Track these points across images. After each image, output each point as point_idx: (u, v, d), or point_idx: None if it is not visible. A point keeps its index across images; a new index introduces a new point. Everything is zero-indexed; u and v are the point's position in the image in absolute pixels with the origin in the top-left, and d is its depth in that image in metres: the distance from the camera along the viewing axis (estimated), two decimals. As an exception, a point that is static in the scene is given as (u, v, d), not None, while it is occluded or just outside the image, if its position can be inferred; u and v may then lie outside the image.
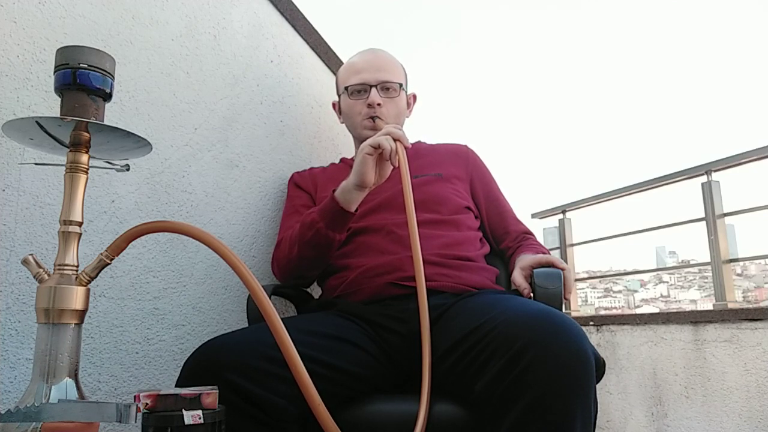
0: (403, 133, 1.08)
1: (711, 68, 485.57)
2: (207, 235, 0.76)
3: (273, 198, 1.44)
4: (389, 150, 1.04)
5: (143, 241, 1.09)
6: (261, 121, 1.43)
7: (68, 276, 0.72)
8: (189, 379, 0.83)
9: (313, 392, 0.77)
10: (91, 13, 1.02)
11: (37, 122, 0.70)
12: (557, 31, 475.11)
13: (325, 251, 1.13)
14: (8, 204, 0.88)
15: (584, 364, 0.77)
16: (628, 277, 70.84)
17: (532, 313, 0.82)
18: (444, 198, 1.23)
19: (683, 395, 2.34)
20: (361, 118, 1.28)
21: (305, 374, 0.76)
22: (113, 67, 0.77)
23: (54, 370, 0.68)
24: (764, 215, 2.67)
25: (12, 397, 0.86)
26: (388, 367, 1.03)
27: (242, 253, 1.33)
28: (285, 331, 0.75)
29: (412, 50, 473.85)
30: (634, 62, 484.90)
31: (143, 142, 0.77)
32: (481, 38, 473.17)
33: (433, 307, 1.01)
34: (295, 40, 1.60)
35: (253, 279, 0.76)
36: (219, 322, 1.25)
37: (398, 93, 1.31)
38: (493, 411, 0.80)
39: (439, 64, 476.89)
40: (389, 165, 1.06)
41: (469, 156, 1.36)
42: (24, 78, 0.91)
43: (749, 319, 2.17)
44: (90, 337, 0.98)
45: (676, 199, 5.75)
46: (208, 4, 1.29)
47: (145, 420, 0.64)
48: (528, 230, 1.33)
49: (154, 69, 1.14)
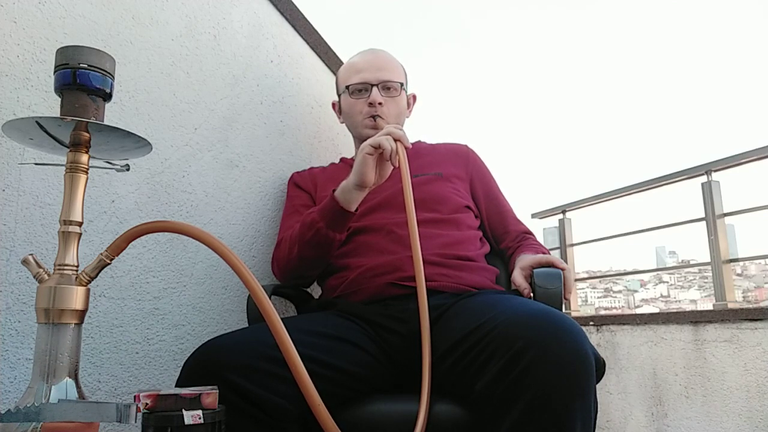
0: (404, 133, 1.08)
1: (711, 68, 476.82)
2: (207, 235, 0.76)
3: (273, 198, 1.44)
4: (389, 150, 1.04)
5: (143, 241, 1.09)
6: (261, 121, 1.43)
7: (68, 276, 0.72)
8: (189, 379, 0.83)
9: (313, 392, 0.77)
10: (91, 13, 1.02)
11: (37, 122, 0.70)
12: (557, 30, 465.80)
13: (325, 251, 1.13)
14: (8, 204, 0.88)
15: (584, 364, 0.77)
16: (628, 277, 70.85)
17: (532, 313, 0.82)
18: (444, 197, 1.23)
19: (683, 395, 2.34)
20: (362, 117, 1.28)
21: (305, 374, 0.76)
22: (113, 67, 0.77)
23: (54, 370, 0.68)
24: (764, 215, 2.67)
25: (12, 397, 0.86)
26: (388, 367, 1.03)
27: (242, 253, 1.33)
28: (285, 331, 0.75)
29: (413, 50, 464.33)
30: (634, 62, 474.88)
31: (143, 142, 0.77)
32: (481, 38, 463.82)
33: (433, 307, 1.01)
34: (295, 40, 1.60)
35: (253, 279, 0.76)
36: (219, 322, 1.25)
37: (399, 93, 1.31)
38: (493, 411, 0.80)
39: (439, 65, 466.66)
40: (389, 165, 1.06)
41: (469, 156, 1.36)
42: (24, 78, 0.91)
43: (749, 319, 2.17)
44: (90, 337, 0.98)
45: (676, 199, 5.75)
46: (208, 4, 1.29)
47: (145, 420, 0.64)
48: (528, 230, 1.33)
49: (154, 69, 1.14)
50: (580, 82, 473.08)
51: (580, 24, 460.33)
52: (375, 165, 1.06)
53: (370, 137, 1.07)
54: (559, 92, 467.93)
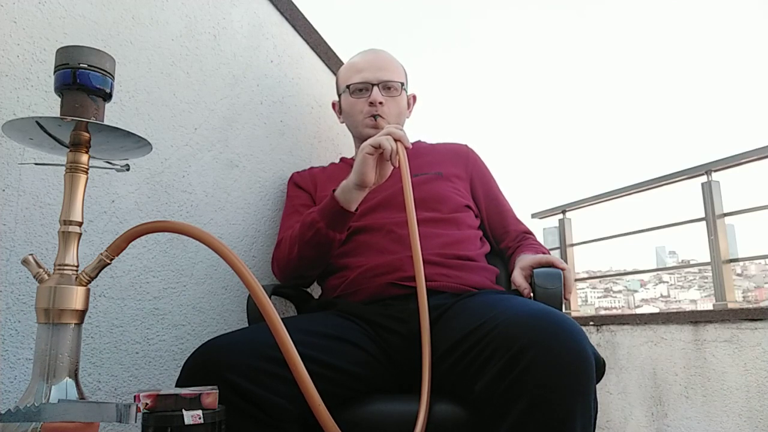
0: (404, 133, 1.09)
1: (711, 68, 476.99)
2: (207, 235, 0.76)
3: (273, 198, 1.44)
4: (390, 150, 1.04)
5: (143, 241, 1.09)
6: (261, 121, 1.43)
7: (68, 276, 0.72)
8: (189, 379, 0.83)
9: (313, 392, 0.76)
10: (91, 13, 1.02)
11: (37, 122, 0.70)
12: (557, 31, 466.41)
13: (326, 251, 1.13)
14: (8, 204, 0.88)
15: (584, 364, 0.77)
16: (628, 277, 70.84)
17: (532, 313, 0.82)
18: (444, 196, 1.23)
19: (683, 395, 2.34)
20: (363, 117, 1.29)
21: (305, 374, 0.76)
22: (113, 67, 0.77)
23: (54, 370, 0.68)
24: (764, 215, 2.67)
25: (12, 397, 0.86)
26: (388, 367, 1.03)
27: (242, 253, 1.33)
28: (285, 331, 0.75)
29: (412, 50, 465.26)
30: (634, 62, 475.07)
31: (143, 142, 0.77)
32: (481, 38, 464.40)
33: (433, 307, 1.01)
34: (295, 40, 1.60)
35: (254, 279, 0.76)
36: (219, 322, 1.25)
37: (399, 92, 1.31)
38: (493, 411, 0.80)
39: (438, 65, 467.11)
40: (389, 165, 1.06)
41: (469, 155, 1.36)
42: (24, 78, 0.90)
43: (749, 319, 2.17)
44: (90, 337, 0.98)
45: (676, 199, 5.75)
46: (208, 4, 1.29)
47: (145, 420, 0.64)
48: (528, 230, 1.33)
49: (154, 69, 1.14)
50: (580, 81, 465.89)
51: (580, 23, 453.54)
52: (375, 165, 1.06)
53: (370, 137, 1.08)
54: (559, 92, 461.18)
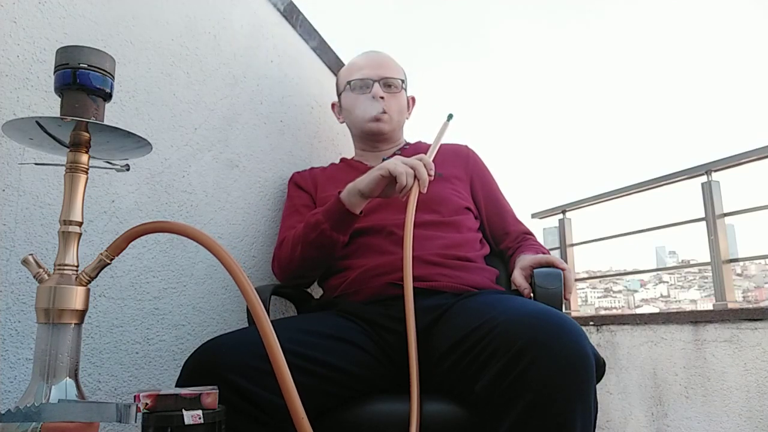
0: (429, 176, 1.04)
1: (711, 68, 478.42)
2: (203, 235, 0.76)
3: (273, 198, 1.44)
4: (403, 185, 1.02)
5: (143, 241, 1.09)
6: (261, 121, 1.43)
7: (68, 276, 0.72)
8: (189, 379, 0.83)
9: (297, 404, 0.73)
10: (91, 13, 1.02)
11: (37, 122, 0.70)
12: (557, 31, 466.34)
13: (328, 252, 1.13)
14: (8, 204, 0.88)
15: (584, 364, 0.77)
16: (628, 277, 70.84)
17: (532, 313, 0.82)
18: (444, 198, 1.23)
19: (683, 395, 2.34)
20: (363, 112, 1.29)
21: (291, 384, 0.72)
22: (113, 67, 0.77)
23: (54, 370, 0.68)
24: (764, 215, 2.67)
25: (12, 397, 0.86)
26: (388, 367, 1.03)
27: (242, 253, 1.33)
28: (275, 338, 0.73)
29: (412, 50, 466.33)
30: (634, 63, 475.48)
31: (143, 142, 0.77)
32: (481, 39, 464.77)
33: (433, 307, 1.01)
34: (295, 40, 1.60)
35: (248, 282, 0.74)
36: (219, 322, 1.25)
37: (399, 90, 1.32)
38: (494, 411, 0.80)
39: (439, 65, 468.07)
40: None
41: (470, 156, 1.37)
42: (24, 78, 0.90)
43: (749, 319, 2.17)
44: (90, 337, 0.98)
45: (676, 199, 5.75)
46: (208, 4, 1.29)
47: (145, 420, 0.64)
48: (528, 230, 1.33)
49: (154, 69, 1.14)
50: (580, 82, 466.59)
51: (580, 24, 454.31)
52: (383, 186, 1.06)
53: (372, 131, 1.06)
54: (559, 92, 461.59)
